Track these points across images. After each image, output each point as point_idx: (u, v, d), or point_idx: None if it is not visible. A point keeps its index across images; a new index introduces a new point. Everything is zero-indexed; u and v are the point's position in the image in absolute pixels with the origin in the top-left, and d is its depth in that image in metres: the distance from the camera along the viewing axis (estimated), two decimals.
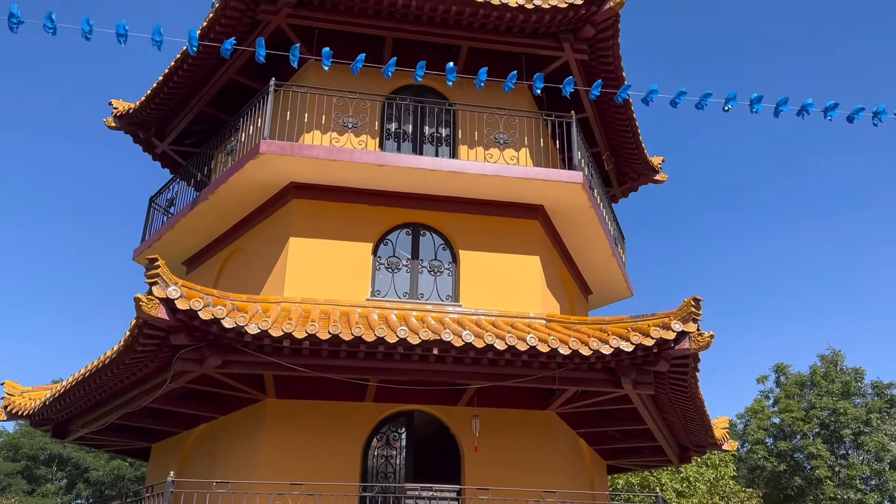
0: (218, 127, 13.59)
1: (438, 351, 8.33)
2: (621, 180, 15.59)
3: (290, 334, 7.90)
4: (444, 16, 11.13)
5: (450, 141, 12.05)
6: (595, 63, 12.12)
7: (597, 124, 13.66)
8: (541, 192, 11.05)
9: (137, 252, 12.77)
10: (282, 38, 11.67)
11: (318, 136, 11.34)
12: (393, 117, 11.97)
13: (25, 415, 11.03)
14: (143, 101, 12.95)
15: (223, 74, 12.12)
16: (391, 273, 10.80)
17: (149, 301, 7.48)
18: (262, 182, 10.83)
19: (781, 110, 5.21)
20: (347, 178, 10.73)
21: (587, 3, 11.05)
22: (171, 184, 13.02)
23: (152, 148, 14.06)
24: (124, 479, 32.42)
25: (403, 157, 10.64)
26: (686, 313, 8.24)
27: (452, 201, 11.20)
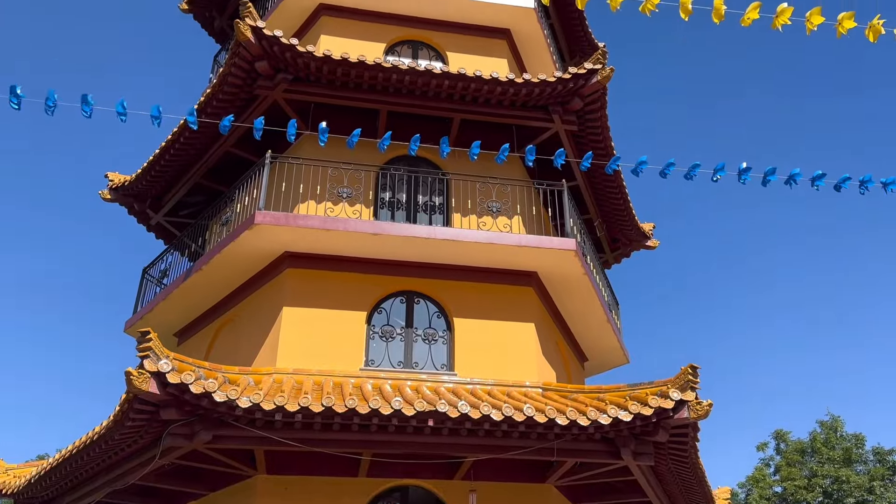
0: (213, 198, 13.72)
1: (434, 422, 8.18)
2: (613, 246, 15.72)
3: (282, 407, 7.76)
4: (436, 90, 11.43)
5: (443, 209, 12.18)
6: (584, 133, 12.41)
7: (588, 192, 13.87)
8: (534, 259, 11.11)
9: (129, 324, 12.66)
10: (278, 112, 11.94)
11: (312, 206, 11.45)
12: (387, 186, 12.13)
13: (10, 493, 10.69)
14: (139, 173, 13.10)
15: (220, 147, 12.32)
16: (385, 342, 10.72)
17: (140, 375, 7.37)
18: (257, 252, 10.87)
19: (769, 180, 5.33)
20: (342, 247, 10.78)
21: (575, 77, 11.39)
22: (165, 255, 13.04)
23: (147, 219, 14.15)
24: None
25: (397, 225, 10.73)
26: (684, 381, 8.17)
27: (446, 269, 11.23)
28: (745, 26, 4.06)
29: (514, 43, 14.61)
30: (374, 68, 11.01)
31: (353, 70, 11.06)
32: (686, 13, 4.13)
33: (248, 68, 11.11)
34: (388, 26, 13.85)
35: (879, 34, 4.11)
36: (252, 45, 10.76)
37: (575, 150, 12.72)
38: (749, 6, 4.06)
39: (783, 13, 4.03)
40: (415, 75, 11.14)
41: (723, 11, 4.06)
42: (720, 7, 4.04)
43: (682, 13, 4.18)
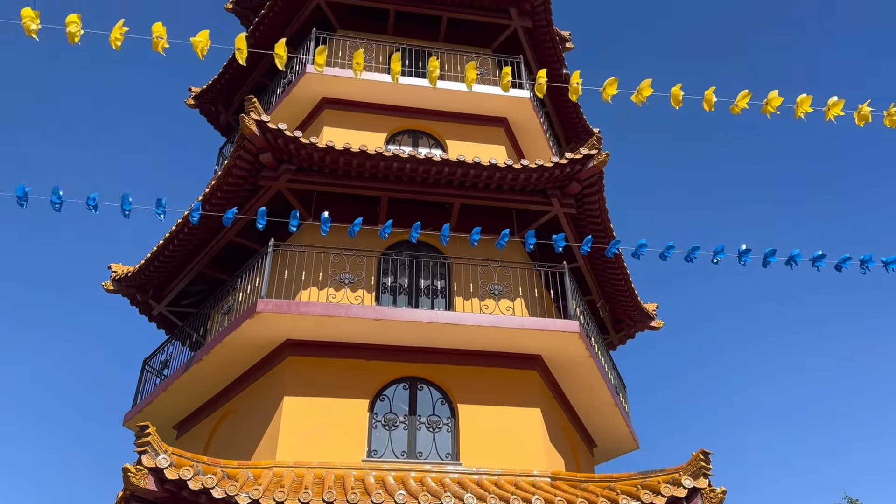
0: (216, 287, 13.76)
1: None
2: (617, 328, 15.62)
3: (281, 503, 7.52)
4: (436, 176, 11.66)
5: (445, 293, 12.18)
6: (583, 216, 12.56)
7: (589, 273, 13.91)
8: (538, 342, 11.01)
9: (128, 417, 12.43)
10: (281, 200, 12.13)
11: (314, 293, 11.46)
12: (389, 271, 12.18)
13: None
14: (142, 264, 13.19)
15: (223, 237, 12.45)
16: (388, 430, 10.49)
17: (137, 472, 7.18)
18: (259, 340, 10.79)
19: (770, 261, 5.36)
20: (344, 334, 10.71)
21: (571, 162, 11.63)
22: (166, 345, 12.95)
23: (149, 310, 14.14)
24: None
25: (399, 310, 10.70)
26: (696, 468, 7.94)
27: (450, 354, 11.12)
28: (735, 114, 4.18)
29: (511, 130, 15.00)
30: (376, 157, 11.27)
31: (355, 159, 11.31)
32: (677, 103, 4.25)
33: (253, 160, 11.38)
34: (388, 117, 14.28)
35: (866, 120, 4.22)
36: (256, 138, 11.05)
37: (574, 232, 12.85)
38: (739, 95, 4.19)
39: (772, 101, 4.16)
40: (415, 163, 11.39)
41: (713, 101, 4.19)
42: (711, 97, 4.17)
43: (674, 103, 4.31)
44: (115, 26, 4.41)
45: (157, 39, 4.55)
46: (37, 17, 4.34)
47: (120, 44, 4.41)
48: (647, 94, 4.50)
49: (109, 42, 4.49)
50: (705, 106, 4.29)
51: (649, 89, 4.56)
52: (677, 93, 4.37)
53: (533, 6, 15.51)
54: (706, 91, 4.32)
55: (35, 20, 4.36)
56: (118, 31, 4.37)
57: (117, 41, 4.44)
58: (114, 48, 4.48)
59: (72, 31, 4.18)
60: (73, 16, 4.32)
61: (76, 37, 4.25)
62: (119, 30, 4.43)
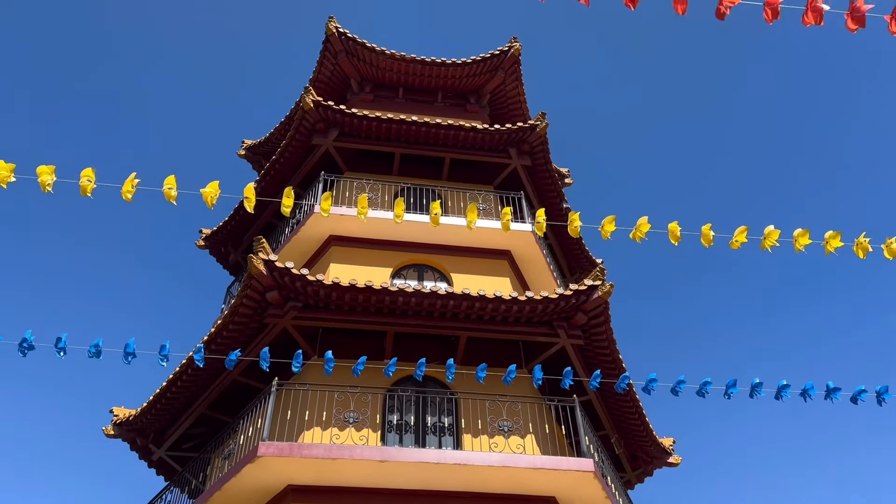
0: (218, 428, 13.41)
1: None
2: (634, 464, 14.99)
3: None
4: (441, 310, 11.66)
5: (453, 430, 11.80)
6: (591, 347, 12.42)
7: (601, 407, 13.54)
8: (551, 482, 10.52)
9: None
10: (286, 338, 12.09)
11: (318, 434, 11.12)
12: (395, 408, 11.88)
13: None
14: (144, 407, 12.94)
15: (225, 378, 12.30)
16: None
17: None
18: (259, 487, 10.35)
19: (783, 395, 5.21)
20: (348, 478, 10.27)
21: (577, 293, 11.67)
22: (165, 493, 12.43)
23: (149, 455, 13.71)
24: None
25: (405, 451, 10.32)
26: None
27: (459, 497, 10.60)
28: (734, 249, 4.21)
29: (515, 262, 15.19)
30: (381, 292, 11.34)
31: (361, 295, 11.38)
32: (676, 240, 4.30)
33: (259, 298, 11.45)
34: (394, 252, 14.52)
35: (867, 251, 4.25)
36: (264, 277, 11.19)
37: (583, 364, 12.65)
38: (736, 230, 4.25)
39: (770, 235, 4.20)
40: (420, 297, 11.43)
41: (711, 237, 4.24)
42: (708, 233, 4.23)
43: (672, 239, 4.36)
44: (127, 179, 4.58)
45: (168, 190, 4.72)
46: (52, 171, 4.52)
47: (131, 196, 4.57)
48: (644, 230, 4.57)
49: (121, 194, 4.65)
50: (703, 241, 4.34)
51: (647, 225, 4.64)
52: (675, 229, 4.44)
53: (531, 146, 16.19)
54: (703, 226, 4.38)
55: (51, 175, 4.54)
56: (129, 184, 4.54)
57: (128, 193, 4.59)
58: (125, 200, 4.63)
59: (84, 184, 4.35)
60: (87, 170, 4.50)
61: (88, 190, 4.41)
62: (130, 182, 4.60)
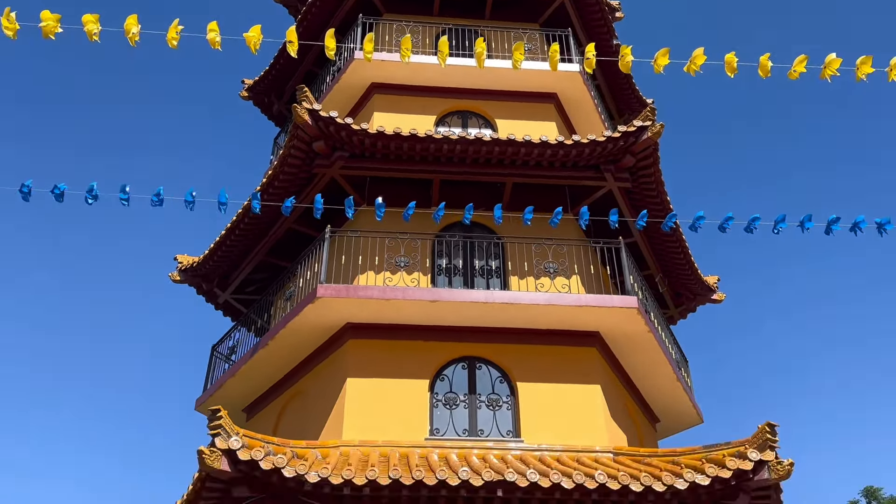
0: (277, 274, 14.11)
1: (503, 492, 8.01)
2: (677, 301, 15.36)
3: (349, 481, 7.75)
4: (487, 157, 11.65)
5: (500, 273, 12.20)
6: (638, 190, 12.36)
7: (646, 247, 13.70)
8: (596, 318, 10.95)
9: (199, 402, 12.95)
10: (335, 187, 12.32)
11: (371, 277, 11.65)
12: (443, 253, 12.27)
13: None
14: (206, 254, 13.64)
15: (281, 226, 12.76)
16: (449, 410, 10.64)
17: (211, 453, 7.51)
18: (320, 325, 11.06)
19: (833, 229, 5.19)
20: (402, 316, 10.87)
21: (625, 135, 11.44)
22: (233, 332, 13.40)
23: (214, 298, 14.63)
24: None
25: (455, 291, 10.80)
26: (762, 440, 7.81)
27: (507, 333, 11.17)
28: (792, 79, 4.06)
29: (561, 105, 14.82)
30: (426, 140, 11.33)
31: (406, 143, 11.40)
32: (732, 71, 4.16)
33: (307, 149, 11.59)
34: (437, 99, 14.29)
35: None
36: (309, 127, 11.25)
37: (629, 206, 12.66)
38: (796, 60, 4.07)
39: (830, 65, 4.02)
40: (465, 144, 11.40)
41: (769, 67, 4.08)
42: (766, 63, 4.06)
43: (728, 71, 4.21)
44: (171, 26, 4.57)
45: (212, 36, 4.70)
46: (97, 21, 4.52)
47: (177, 42, 4.57)
48: (700, 62, 4.41)
49: (167, 41, 4.65)
50: (760, 73, 4.17)
51: (702, 57, 4.46)
52: (731, 60, 4.27)
53: None
54: (761, 57, 4.21)
55: (96, 24, 4.55)
56: (174, 31, 4.53)
57: (174, 40, 4.59)
58: (171, 47, 4.65)
59: (130, 28, 4.36)
60: (131, 17, 4.48)
61: (135, 38, 4.43)
62: (175, 29, 4.59)
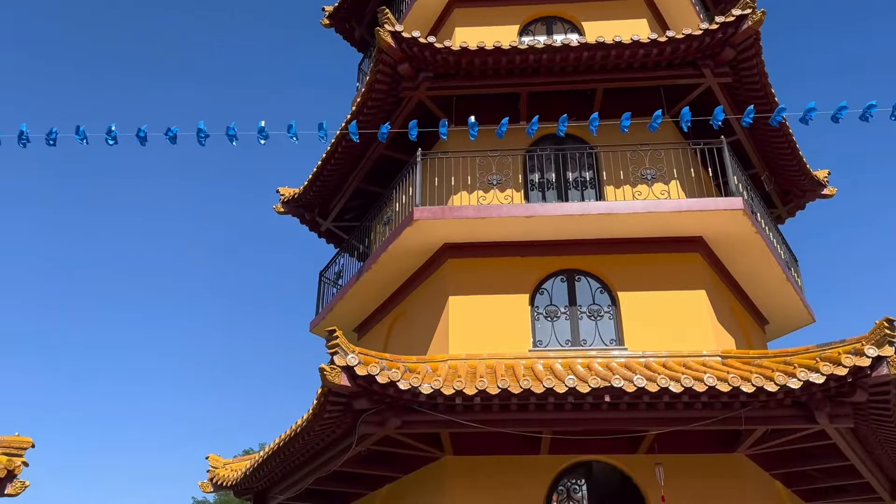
0: (373, 200, 14.46)
1: (610, 398, 8.18)
2: (785, 199, 14.66)
3: (461, 391, 8.12)
4: (575, 63, 11.28)
5: (595, 183, 12.02)
6: (740, 84, 11.68)
7: (750, 145, 13.05)
8: (698, 223, 10.68)
9: (314, 324, 13.73)
10: (423, 109, 12.33)
11: (465, 197, 11.76)
12: (535, 168, 12.17)
13: (228, 486, 12.04)
14: (306, 185, 14.13)
15: (373, 152, 12.98)
16: (551, 322, 10.82)
17: (332, 370, 8.04)
18: (418, 247, 11.36)
19: None
20: (497, 234, 10.99)
21: (723, 26, 10.75)
22: (337, 258, 13.98)
23: (317, 227, 15.23)
24: None
25: (549, 205, 10.78)
26: (880, 336, 7.54)
27: (604, 244, 11.09)
28: None
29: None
30: (511, 52, 11.08)
31: (491, 57, 11.19)
32: None
33: (392, 72, 11.60)
34: (519, 7, 13.81)
35: None
36: (393, 50, 11.22)
37: (731, 102, 12.02)
38: None
39: None
40: (552, 53, 11.07)
41: None
42: None
43: None
44: None
45: None
46: None
47: None
48: None
49: None
50: None
51: None
52: None
53: None
54: None
55: None
56: None
57: None
58: None
59: None
60: None
61: None
62: None
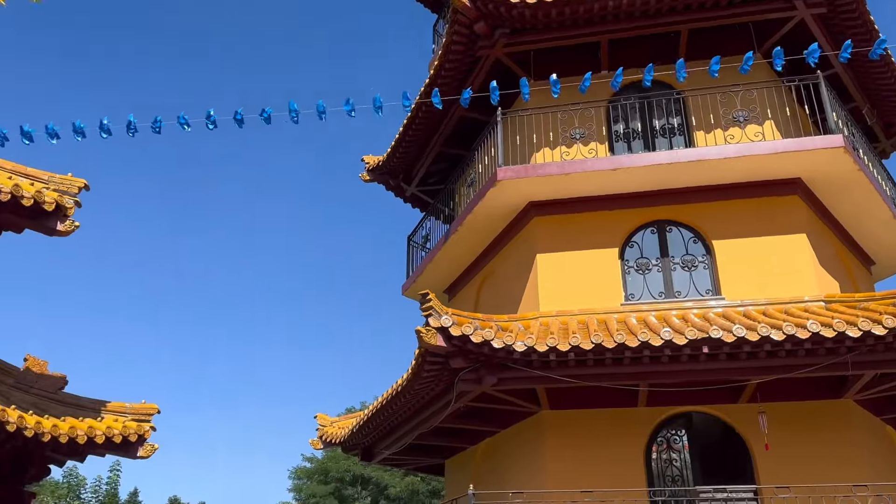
0: (456, 163, 14.55)
1: (708, 349, 8.09)
2: (889, 132, 13.74)
3: (554, 348, 8.22)
4: (657, 5, 10.88)
5: (683, 130, 11.65)
6: (835, 15, 10.96)
7: (849, 78, 12.26)
8: (795, 164, 10.22)
9: (405, 287, 14.10)
10: (500, 68, 12.23)
11: (547, 154, 11.67)
12: (619, 118, 11.91)
13: (337, 443, 12.68)
14: (389, 152, 14.37)
15: (453, 115, 13.02)
16: (642, 274, 10.70)
17: (427, 332, 8.30)
18: (503, 207, 11.40)
19: None
20: (583, 189, 10.88)
21: None
22: (424, 222, 14.23)
23: (402, 192, 15.49)
24: (418, 493, 35.32)
25: (636, 156, 10.57)
26: None
27: (696, 192, 10.80)
28: None
29: None
30: (589, 0, 10.79)
31: (568, 7, 10.94)
32: None
33: (468, 32, 11.54)
34: None
35: None
36: (468, 9, 11.14)
37: (827, 35, 11.31)
38: None
39: None
40: None
41: None
42: None
43: None
44: None
45: None
46: None
47: None
48: None
49: None
50: None
51: None
52: None
53: None
54: None
55: None
56: None
57: None
58: None
59: None
60: None
61: None
62: None
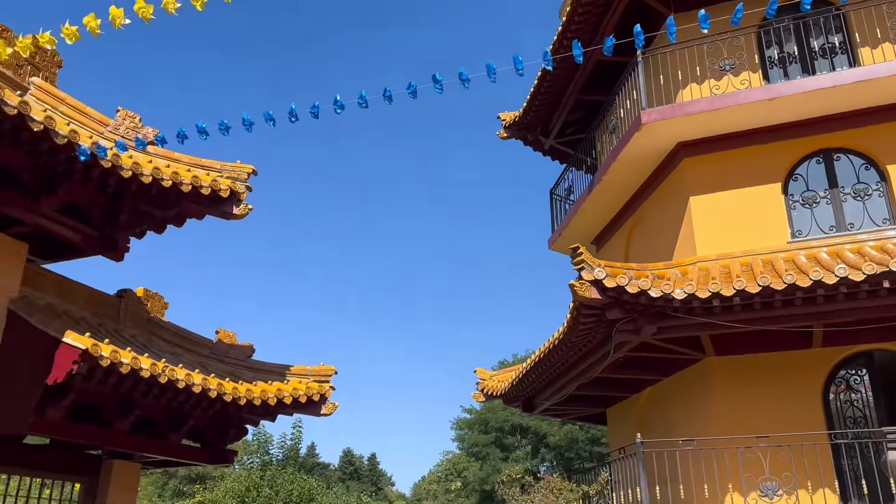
0: (595, 110, 14.21)
1: (890, 283, 7.52)
2: None
3: (717, 293, 7.98)
4: None
5: (846, 48, 10.66)
6: None
7: None
8: None
9: (551, 241, 14.13)
10: (636, 4, 11.72)
11: (695, 90, 11.10)
12: (772, 43, 11.07)
13: (497, 395, 13.12)
14: (525, 107, 14.29)
15: (589, 60, 12.68)
16: (809, 208, 10.04)
17: (581, 285, 8.34)
18: (650, 151, 11.05)
19: None
20: (736, 123, 10.31)
21: None
22: (566, 173, 14.10)
23: (541, 146, 15.39)
24: (577, 441, 35.70)
25: (794, 83, 9.85)
26: None
27: (865, 114, 9.92)
28: None
29: None
30: None
31: None
32: None
33: None
34: None
35: None
36: None
37: None
38: None
39: None
40: None
41: None
42: None
43: None
44: None
45: None
46: None
47: None
48: None
49: None
50: None
51: None
52: None
53: None
54: None
55: None
56: None
57: None
58: None
59: None
60: None
61: None
62: None
